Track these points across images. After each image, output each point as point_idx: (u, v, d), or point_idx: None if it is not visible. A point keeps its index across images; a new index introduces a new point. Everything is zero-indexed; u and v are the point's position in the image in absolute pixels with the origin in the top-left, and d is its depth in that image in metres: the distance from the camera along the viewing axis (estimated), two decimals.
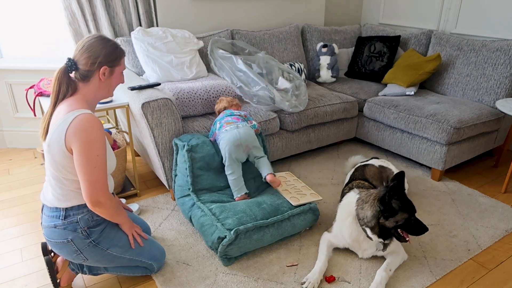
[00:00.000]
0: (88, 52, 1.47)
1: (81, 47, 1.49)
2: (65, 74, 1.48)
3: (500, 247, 2.14)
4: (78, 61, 1.49)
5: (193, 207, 2.16)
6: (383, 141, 3.11)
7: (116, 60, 1.55)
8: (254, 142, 2.27)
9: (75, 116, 1.41)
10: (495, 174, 2.97)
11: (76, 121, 1.40)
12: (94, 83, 1.52)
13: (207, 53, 2.97)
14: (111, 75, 1.55)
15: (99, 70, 1.50)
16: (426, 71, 3.15)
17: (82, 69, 1.49)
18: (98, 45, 1.49)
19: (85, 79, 1.51)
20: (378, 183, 2.26)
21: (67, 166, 1.46)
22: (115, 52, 1.54)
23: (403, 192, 1.81)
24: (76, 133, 1.40)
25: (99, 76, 1.51)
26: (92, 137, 1.41)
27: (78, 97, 1.50)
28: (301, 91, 2.85)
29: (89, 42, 1.49)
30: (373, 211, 1.82)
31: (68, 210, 1.53)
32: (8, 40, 3.07)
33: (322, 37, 3.66)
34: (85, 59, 1.48)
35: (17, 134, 3.27)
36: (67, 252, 1.57)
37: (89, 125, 1.41)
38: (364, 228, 1.89)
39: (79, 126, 1.40)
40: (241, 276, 1.90)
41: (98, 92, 1.56)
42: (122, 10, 2.88)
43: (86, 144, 1.41)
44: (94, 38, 1.51)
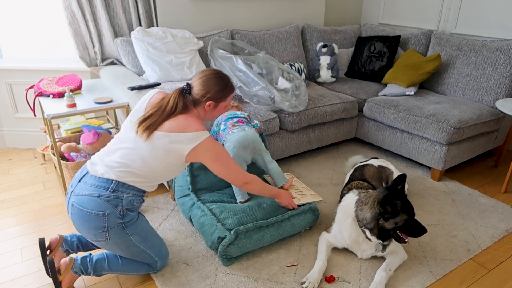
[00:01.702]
0: (203, 85, 1.71)
1: (200, 77, 1.74)
2: (181, 94, 1.72)
3: (500, 247, 2.14)
4: (193, 88, 1.73)
5: (193, 207, 2.16)
6: (383, 141, 3.11)
7: (223, 98, 1.76)
8: (261, 144, 2.27)
9: (206, 137, 1.66)
10: (495, 174, 2.97)
11: (206, 142, 1.66)
12: (200, 109, 1.75)
13: (207, 53, 2.97)
14: (215, 108, 1.77)
15: (206, 102, 1.73)
16: (426, 71, 3.15)
17: (194, 96, 1.73)
18: (212, 82, 1.72)
19: (194, 104, 1.74)
20: (377, 183, 2.26)
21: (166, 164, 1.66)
22: (224, 91, 1.75)
23: (403, 194, 1.81)
24: (207, 150, 1.67)
25: (205, 107, 1.74)
26: (219, 150, 1.73)
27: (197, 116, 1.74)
28: (301, 91, 2.85)
29: (207, 77, 1.73)
30: (372, 213, 1.82)
31: (119, 185, 1.62)
32: (8, 40, 3.07)
33: (322, 37, 3.67)
34: (199, 90, 1.72)
35: (17, 134, 3.27)
36: (94, 226, 1.60)
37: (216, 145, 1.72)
38: (363, 230, 1.89)
39: (210, 146, 1.68)
40: (241, 276, 1.90)
41: (202, 115, 1.78)
42: (122, 10, 2.88)
43: (216, 157, 1.71)
44: (212, 74, 1.74)
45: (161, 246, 1.85)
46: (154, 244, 1.80)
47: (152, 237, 1.80)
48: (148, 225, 1.82)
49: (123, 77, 2.65)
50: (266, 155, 2.29)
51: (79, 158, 2.49)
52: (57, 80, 2.64)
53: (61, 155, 2.54)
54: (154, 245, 1.80)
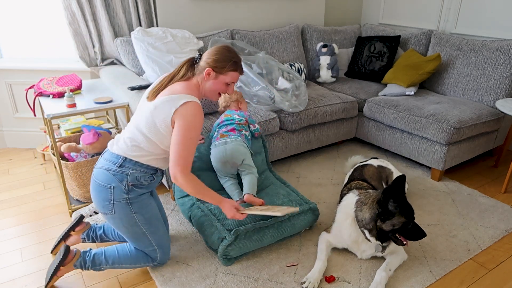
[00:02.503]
0: (209, 51, 1.77)
1: (213, 48, 1.79)
2: (190, 62, 1.78)
3: (500, 247, 2.14)
4: (202, 57, 1.78)
5: (193, 207, 2.16)
6: (383, 141, 3.11)
7: (223, 69, 1.75)
8: (242, 158, 2.18)
9: (190, 100, 1.66)
10: (495, 174, 2.97)
11: (189, 104, 1.65)
12: (202, 77, 1.77)
13: None
14: (215, 79, 1.77)
15: (206, 68, 1.75)
16: (426, 71, 3.15)
17: (200, 63, 1.77)
18: (218, 50, 1.76)
19: (198, 72, 1.78)
20: (377, 183, 2.26)
21: (159, 131, 1.67)
22: (225, 61, 1.75)
23: (402, 196, 1.80)
24: (184, 113, 1.64)
25: (205, 74, 1.75)
26: (196, 121, 1.66)
27: (194, 84, 1.76)
28: (301, 91, 2.85)
29: (217, 46, 1.79)
30: (371, 213, 1.82)
31: (126, 161, 1.69)
32: (8, 40, 3.07)
33: (322, 37, 3.67)
34: (205, 56, 1.77)
35: (17, 134, 3.27)
36: (102, 197, 1.70)
37: (196, 113, 1.67)
38: (362, 230, 1.89)
39: (189, 110, 1.65)
40: (241, 276, 1.90)
41: (203, 87, 1.79)
42: (122, 10, 2.88)
43: (187, 125, 1.64)
44: (224, 46, 1.80)
45: (164, 236, 1.87)
46: (157, 231, 1.83)
47: (156, 222, 1.82)
48: (156, 211, 1.83)
49: (123, 77, 2.65)
50: (245, 167, 2.20)
51: (79, 158, 2.49)
52: (57, 80, 2.64)
53: (61, 155, 2.54)
54: (157, 232, 1.82)
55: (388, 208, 1.77)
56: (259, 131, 2.41)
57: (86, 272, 1.92)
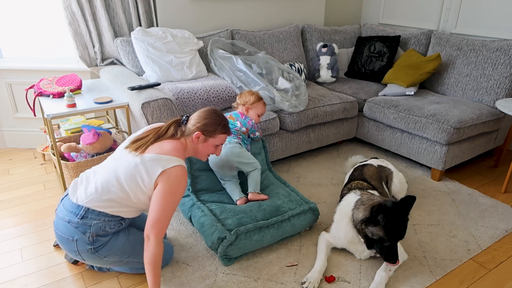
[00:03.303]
0: (198, 116, 1.78)
1: (199, 110, 1.81)
2: (177, 122, 1.78)
3: (500, 247, 2.14)
4: (190, 120, 1.79)
5: (193, 207, 2.16)
6: (383, 141, 3.11)
7: (213, 133, 1.78)
8: (239, 158, 2.21)
9: (178, 164, 1.63)
10: (495, 174, 2.97)
11: (175, 169, 1.62)
12: (189, 140, 1.77)
13: (207, 53, 2.97)
14: (204, 142, 1.78)
15: (195, 132, 1.75)
16: (426, 71, 3.15)
17: (188, 126, 1.77)
18: (207, 114, 1.78)
19: (187, 134, 1.77)
20: (377, 183, 2.26)
21: (139, 186, 1.62)
22: (215, 126, 1.78)
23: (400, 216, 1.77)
24: (170, 178, 1.60)
25: (194, 138, 1.75)
26: (179, 187, 1.63)
27: (182, 145, 1.74)
28: (301, 91, 2.85)
29: (205, 110, 1.81)
30: (364, 215, 1.83)
31: (88, 211, 1.62)
32: (8, 40, 3.07)
33: (322, 37, 3.66)
34: (193, 120, 1.78)
35: (17, 134, 3.27)
36: (68, 248, 1.67)
37: (182, 178, 1.64)
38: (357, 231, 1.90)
39: (176, 174, 1.62)
40: (241, 276, 1.90)
41: (190, 148, 1.79)
42: (122, 10, 2.88)
43: (171, 190, 1.61)
44: (211, 109, 1.81)
45: None
46: (139, 253, 1.76)
47: (133, 249, 1.75)
48: (125, 240, 1.73)
49: (123, 77, 2.65)
50: (245, 166, 2.23)
51: (79, 158, 2.49)
52: (57, 80, 2.64)
53: (61, 155, 2.54)
54: (140, 254, 1.76)
55: (376, 217, 1.77)
56: (258, 138, 2.40)
57: (86, 272, 1.92)
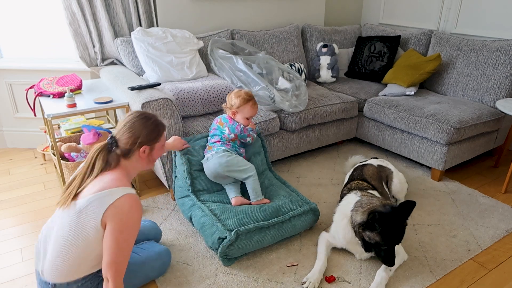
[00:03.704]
0: (130, 132, 1.53)
1: (123, 124, 1.55)
2: (104, 150, 1.53)
3: (500, 247, 2.14)
4: (119, 140, 1.54)
5: (193, 207, 2.16)
6: (383, 141, 3.11)
7: (156, 138, 1.60)
8: (228, 168, 2.15)
9: (123, 193, 1.44)
10: (495, 174, 2.97)
11: (121, 201, 1.43)
12: (135, 159, 1.57)
13: (207, 53, 2.97)
14: (151, 151, 1.61)
15: (139, 149, 1.56)
16: (426, 71, 3.15)
17: (123, 147, 1.54)
18: (139, 125, 1.55)
19: (126, 155, 1.56)
20: (377, 182, 2.26)
21: (92, 237, 1.44)
22: (155, 130, 1.59)
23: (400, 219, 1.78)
24: (118, 213, 1.42)
25: (139, 154, 1.57)
26: (130, 221, 1.45)
27: (121, 171, 1.54)
28: (301, 91, 2.85)
29: (131, 122, 1.55)
30: (362, 218, 1.83)
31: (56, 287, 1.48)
32: (8, 40, 3.07)
33: (322, 37, 3.66)
34: (127, 139, 1.53)
35: (17, 134, 3.27)
36: None
37: (133, 209, 1.45)
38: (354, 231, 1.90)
39: (122, 207, 1.43)
40: (241, 276, 1.90)
41: (138, 166, 1.61)
42: (122, 10, 2.88)
43: (122, 226, 1.43)
44: (136, 117, 1.56)
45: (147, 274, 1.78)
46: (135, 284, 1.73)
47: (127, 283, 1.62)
48: None
49: (123, 77, 2.65)
50: (237, 174, 2.18)
51: (79, 158, 2.49)
52: (57, 80, 2.64)
53: (61, 155, 2.54)
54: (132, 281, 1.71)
55: (374, 223, 1.77)
56: (250, 143, 2.34)
57: None
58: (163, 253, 1.86)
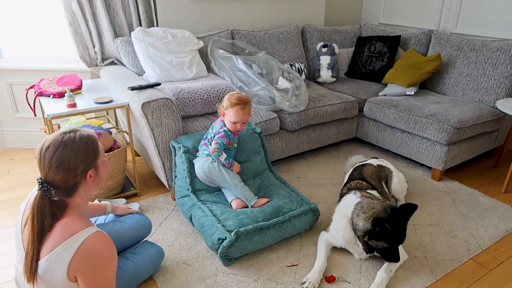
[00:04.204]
0: (63, 168, 1.25)
1: (48, 164, 1.25)
2: (43, 201, 1.26)
3: (501, 247, 2.14)
4: (54, 181, 1.26)
5: (193, 207, 2.16)
6: (383, 141, 3.11)
7: (95, 155, 1.34)
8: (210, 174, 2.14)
9: (82, 241, 1.24)
10: (495, 174, 2.97)
11: (83, 249, 1.24)
12: (83, 190, 1.33)
13: (207, 53, 2.97)
14: (97, 171, 1.36)
15: (84, 177, 1.31)
16: (426, 71, 3.15)
17: (63, 185, 1.27)
18: (70, 155, 1.26)
19: (72, 192, 1.30)
20: (377, 182, 2.26)
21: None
22: (89, 148, 1.32)
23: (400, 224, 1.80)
24: (85, 262, 1.24)
25: (87, 181, 1.33)
26: (102, 261, 1.27)
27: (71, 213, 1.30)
28: (301, 91, 2.85)
29: (56, 156, 1.25)
30: (364, 225, 1.83)
31: None
32: (8, 40, 3.07)
33: (322, 37, 3.66)
34: (63, 177, 1.26)
35: (17, 134, 3.27)
36: None
37: (99, 248, 1.27)
38: (355, 233, 1.91)
39: (88, 254, 1.24)
40: (241, 276, 1.90)
41: (88, 194, 1.39)
42: (122, 10, 2.88)
43: (95, 272, 1.27)
44: (58, 148, 1.26)
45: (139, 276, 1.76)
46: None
47: None
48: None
49: (123, 77, 2.65)
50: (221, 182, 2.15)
51: None
52: (57, 80, 2.64)
53: None
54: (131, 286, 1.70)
55: (380, 233, 1.79)
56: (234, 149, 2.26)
57: None
58: (155, 255, 1.84)
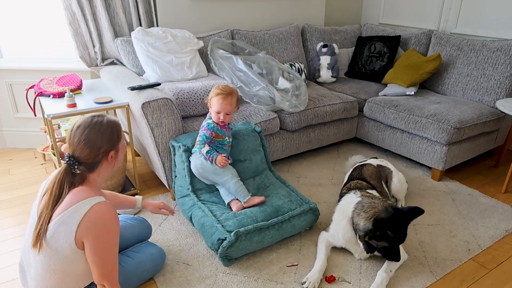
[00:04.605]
0: (89, 146, 1.42)
1: (77, 141, 1.41)
2: (66, 174, 1.42)
3: (500, 247, 2.14)
4: (80, 157, 1.42)
5: (193, 207, 2.16)
6: (383, 141, 3.11)
7: (118, 139, 1.50)
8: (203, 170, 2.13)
9: (91, 206, 1.36)
10: (495, 174, 2.97)
11: (92, 213, 1.35)
12: (102, 168, 1.48)
13: (207, 53, 2.97)
14: (117, 153, 1.52)
15: (106, 156, 1.47)
16: (426, 71, 3.15)
17: (87, 162, 1.43)
18: (96, 135, 1.43)
19: (93, 168, 1.46)
20: (376, 182, 2.26)
21: (70, 259, 1.38)
22: (113, 132, 1.48)
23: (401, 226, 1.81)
24: (91, 227, 1.34)
25: (108, 160, 1.48)
26: (108, 230, 1.38)
27: (87, 185, 1.44)
28: (301, 91, 2.85)
29: (85, 135, 1.41)
30: (365, 225, 1.83)
31: None
32: (8, 40, 3.07)
33: (322, 37, 3.66)
34: (88, 153, 1.42)
35: (17, 134, 3.27)
36: None
37: (106, 217, 1.37)
38: (355, 232, 1.90)
39: (95, 219, 1.35)
40: (241, 276, 1.90)
41: (107, 173, 1.52)
42: (122, 10, 2.88)
43: (101, 239, 1.36)
44: (88, 127, 1.42)
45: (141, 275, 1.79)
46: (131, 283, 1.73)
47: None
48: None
49: (123, 77, 2.65)
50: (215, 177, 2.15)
51: None
52: (57, 80, 2.64)
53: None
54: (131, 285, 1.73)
55: (380, 232, 1.79)
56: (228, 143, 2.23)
57: None
58: (156, 255, 1.85)
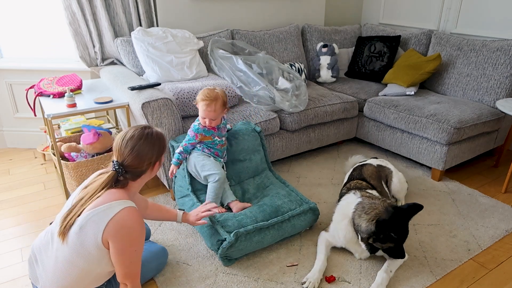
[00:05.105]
0: (140, 157, 1.46)
1: (129, 150, 1.45)
2: (113, 178, 1.46)
3: (500, 247, 2.14)
4: (128, 165, 1.46)
5: (193, 207, 2.15)
6: (383, 141, 3.11)
7: (163, 151, 1.56)
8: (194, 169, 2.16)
9: (122, 208, 1.39)
10: (495, 174, 2.97)
11: (121, 215, 1.38)
12: (145, 176, 1.53)
13: (207, 53, 2.97)
14: (160, 163, 1.57)
15: (152, 167, 1.52)
16: (426, 71, 3.15)
17: (134, 172, 1.48)
18: (147, 147, 1.47)
19: (137, 177, 1.51)
20: (376, 182, 2.26)
21: (93, 256, 1.40)
22: (162, 145, 1.54)
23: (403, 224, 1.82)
24: (118, 230, 1.38)
25: (153, 169, 1.54)
26: (134, 233, 1.41)
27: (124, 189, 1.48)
28: (301, 91, 2.85)
29: (138, 146, 1.45)
30: (367, 227, 1.83)
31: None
32: (8, 40, 3.07)
33: (322, 37, 3.66)
34: (138, 164, 1.47)
35: (17, 134, 3.27)
36: None
37: (133, 221, 1.41)
38: (356, 233, 1.90)
39: (124, 223, 1.38)
40: (241, 276, 1.90)
41: (144, 181, 1.56)
42: (122, 10, 2.88)
43: (127, 241, 1.40)
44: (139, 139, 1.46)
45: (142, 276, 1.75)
46: None
47: None
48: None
49: (123, 77, 2.65)
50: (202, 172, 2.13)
51: (79, 158, 2.49)
52: (57, 80, 2.64)
53: (61, 155, 2.54)
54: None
55: (383, 234, 1.79)
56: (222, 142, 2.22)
57: None
58: (159, 253, 1.86)
